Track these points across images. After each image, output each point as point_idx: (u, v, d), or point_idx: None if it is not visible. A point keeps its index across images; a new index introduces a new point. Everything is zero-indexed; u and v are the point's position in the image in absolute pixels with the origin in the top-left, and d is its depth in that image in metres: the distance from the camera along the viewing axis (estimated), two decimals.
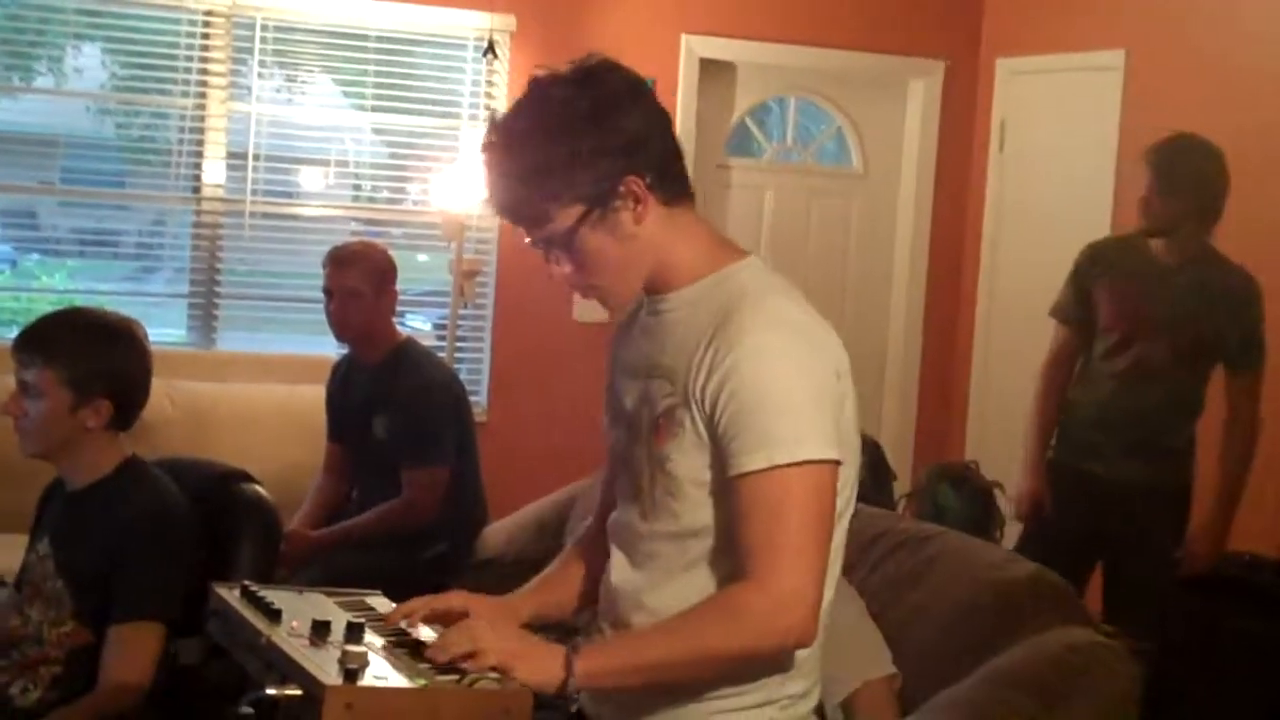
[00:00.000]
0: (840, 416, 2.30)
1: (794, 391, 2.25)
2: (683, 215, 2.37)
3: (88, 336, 3.36)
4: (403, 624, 2.47)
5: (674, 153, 2.37)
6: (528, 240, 2.36)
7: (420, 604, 2.47)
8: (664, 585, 2.37)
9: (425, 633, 2.47)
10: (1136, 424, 4.86)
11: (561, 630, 2.74)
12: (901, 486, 5.45)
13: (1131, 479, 4.85)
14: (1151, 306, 4.79)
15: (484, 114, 6.69)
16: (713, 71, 6.99)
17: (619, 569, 2.46)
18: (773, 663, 2.35)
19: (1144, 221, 4.83)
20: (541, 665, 2.24)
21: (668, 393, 2.33)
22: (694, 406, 2.29)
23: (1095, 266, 4.96)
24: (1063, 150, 6.63)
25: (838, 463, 2.27)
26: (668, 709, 2.38)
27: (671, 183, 2.35)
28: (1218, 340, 4.81)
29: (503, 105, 6.57)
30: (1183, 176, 4.73)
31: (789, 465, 2.22)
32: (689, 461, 2.32)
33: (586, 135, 2.26)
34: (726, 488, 2.27)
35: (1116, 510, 4.87)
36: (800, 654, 2.36)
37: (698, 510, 2.33)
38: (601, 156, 2.27)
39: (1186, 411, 4.91)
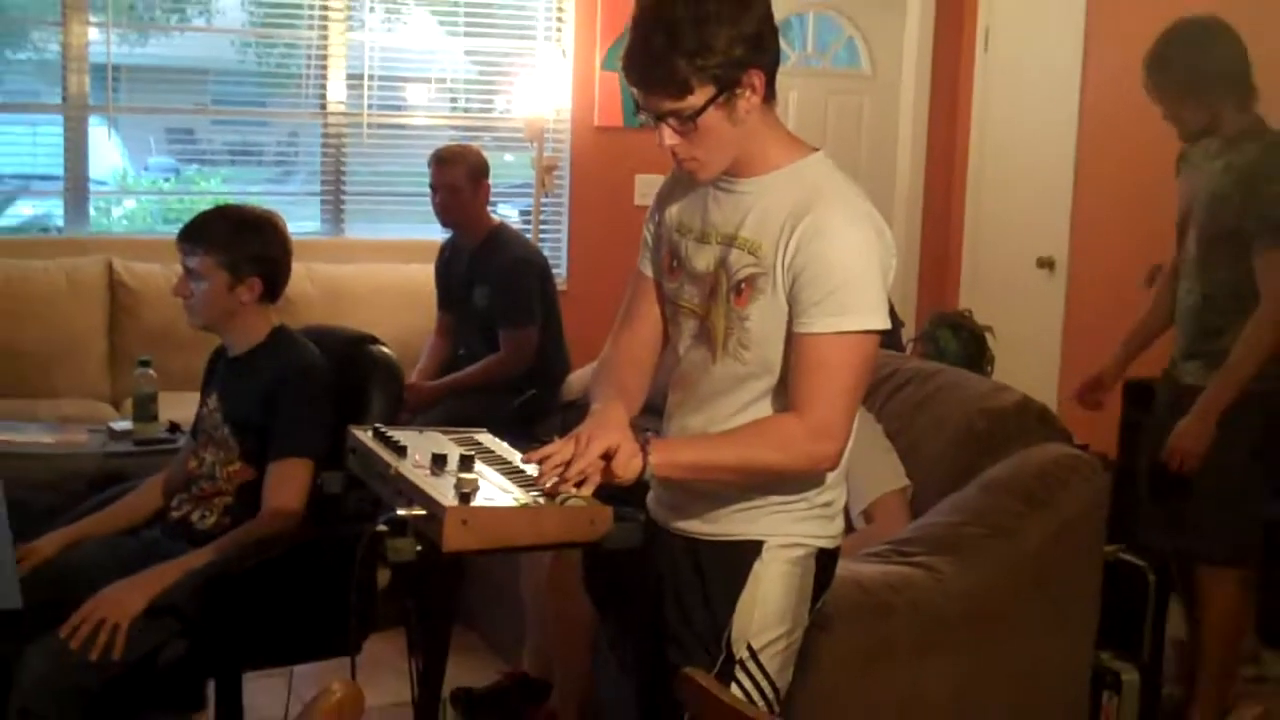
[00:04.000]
0: (887, 290, 2.31)
1: (864, 272, 2.26)
2: (771, 113, 2.36)
3: (238, 226, 3.35)
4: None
5: (778, 60, 2.33)
6: (642, 114, 2.32)
7: (594, 465, 2.25)
8: (725, 423, 2.38)
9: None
10: (1189, 324, 3.90)
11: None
12: (908, 332, 5.42)
13: (1192, 384, 3.85)
14: (1190, 199, 3.88)
15: (556, 34, 6.61)
16: None
17: (686, 407, 2.47)
18: (808, 479, 2.37)
19: (1176, 128, 3.89)
20: (632, 464, 2.24)
21: (750, 263, 2.32)
22: (779, 275, 2.29)
23: (1178, 164, 4.01)
24: (1038, 49, 6.48)
25: (884, 331, 2.30)
26: (736, 512, 2.41)
27: (771, 82, 2.32)
28: (1240, 223, 3.70)
29: (570, 26, 6.51)
30: (1179, 76, 3.80)
31: (851, 332, 2.25)
32: (765, 319, 2.32)
33: (730, 25, 2.22)
34: (791, 341, 2.29)
35: (1179, 415, 3.84)
36: (832, 473, 2.39)
37: (763, 357, 2.35)
38: (737, 44, 2.22)
39: (1234, 310, 3.75)
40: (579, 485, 2.22)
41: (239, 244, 3.30)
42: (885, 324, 2.29)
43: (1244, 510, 3.86)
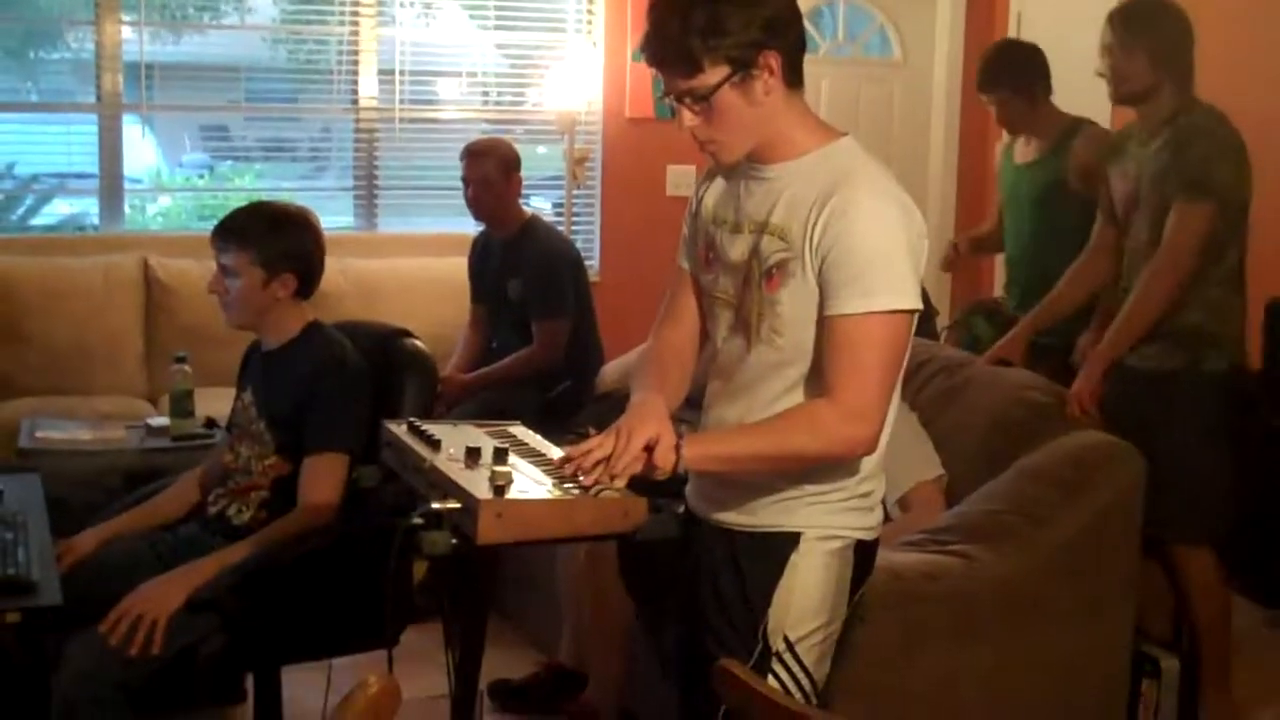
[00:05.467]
0: (919, 274, 2.29)
1: (892, 251, 2.24)
2: (797, 99, 2.35)
3: (272, 223, 3.35)
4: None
5: (801, 45, 2.34)
6: (666, 95, 2.33)
7: (637, 458, 2.24)
8: (762, 412, 2.37)
9: (557, 453, 2.48)
10: None
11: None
12: (941, 321, 5.40)
13: (1146, 366, 3.83)
14: (1133, 184, 3.91)
15: (586, 27, 6.62)
16: None
17: (724, 397, 2.46)
18: (845, 468, 2.36)
19: (1110, 87, 3.94)
20: (664, 458, 2.24)
21: (780, 248, 2.31)
22: (807, 258, 2.28)
23: (1109, 155, 4.07)
24: (1069, 34, 6.44)
25: (916, 311, 2.27)
26: (773, 503, 2.39)
27: (794, 69, 2.32)
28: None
29: (600, 19, 6.52)
30: (1139, 36, 3.85)
31: (881, 312, 2.23)
32: (796, 303, 2.31)
33: (745, 7, 2.24)
34: (822, 324, 2.27)
35: (1141, 400, 3.83)
36: (869, 463, 2.37)
37: (796, 342, 2.33)
38: (752, 26, 2.24)
39: (1198, 282, 3.76)
40: (613, 476, 2.23)
41: (273, 241, 3.31)
42: (915, 304, 2.26)
43: (1208, 489, 3.83)
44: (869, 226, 2.24)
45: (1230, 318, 3.85)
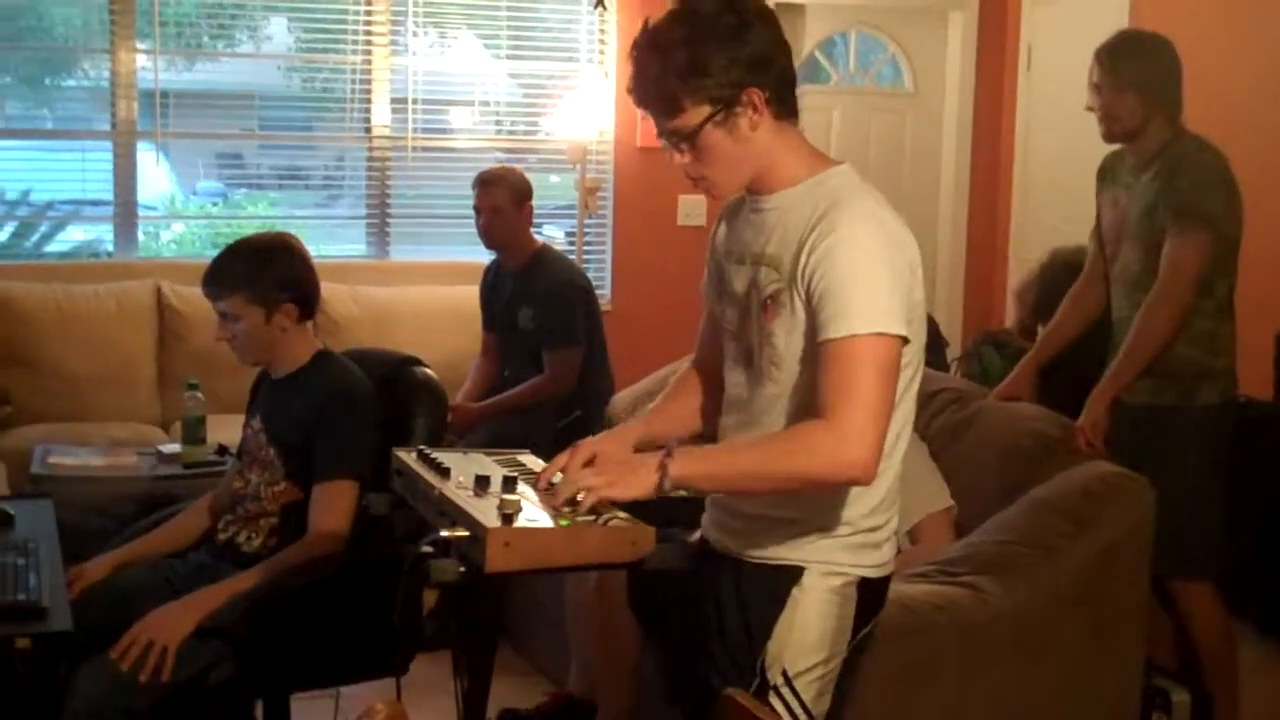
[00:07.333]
0: (911, 301, 2.27)
1: (875, 276, 2.22)
2: (789, 130, 2.35)
3: (256, 259, 3.35)
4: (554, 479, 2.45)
5: (790, 77, 2.34)
6: (656, 133, 2.34)
7: (560, 463, 2.43)
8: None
9: None
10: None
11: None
12: (952, 352, 5.41)
13: (1140, 402, 3.82)
14: (1123, 213, 3.88)
15: (599, 57, 6.65)
16: (786, 12, 6.88)
17: (732, 430, 2.46)
18: (852, 503, 2.35)
19: (1101, 125, 3.90)
20: (635, 480, 2.23)
21: (774, 279, 2.32)
22: (796, 287, 2.27)
23: (1099, 180, 4.05)
24: (1080, 68, 6.45)
25: (905, 339, 2.24)
26: (780, 536, 2.38)
27: (784, 102, 2.32)
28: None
29: (612, 49, 6.55)
30: (1128, 74, 3.83)
31: (865, 335, 2.20)
32: (789, 336, 2.31)
33: (726, 47, 2.24)
34: (815, 352, 2.26)
35: (1136, 436, 3.82)
36: (876, 496, 2.36)
37: (795, 375, 2.32)
38: (734, 66, 2.25)
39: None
40: (572, 503, 2.27)
41: (261, 276, 3.31)
42: (896, 329, 2.22)
43: (1206, 524, 3.80)
44: (847, 252, 2.22)
45: (1221, 350, 3.82)
